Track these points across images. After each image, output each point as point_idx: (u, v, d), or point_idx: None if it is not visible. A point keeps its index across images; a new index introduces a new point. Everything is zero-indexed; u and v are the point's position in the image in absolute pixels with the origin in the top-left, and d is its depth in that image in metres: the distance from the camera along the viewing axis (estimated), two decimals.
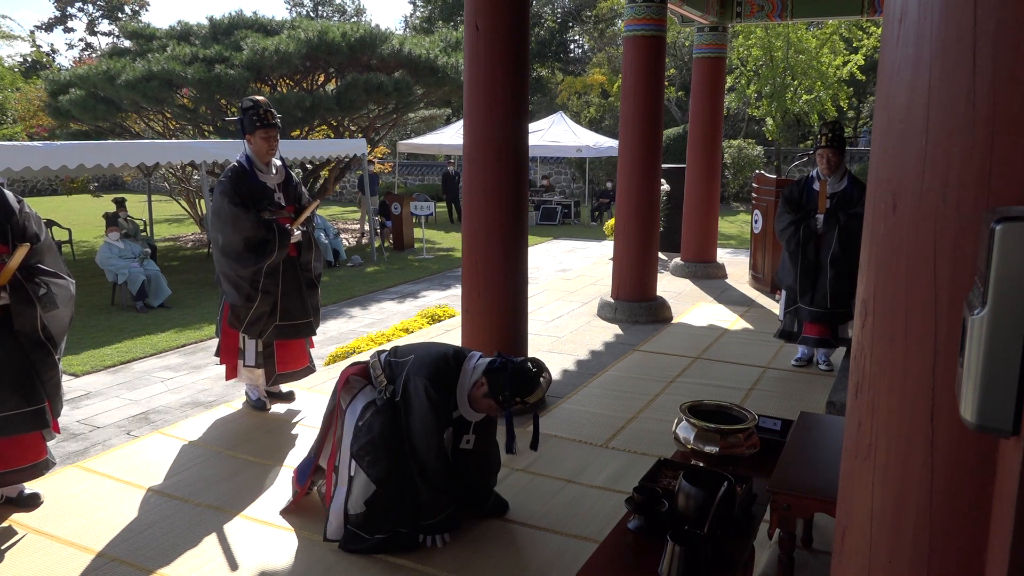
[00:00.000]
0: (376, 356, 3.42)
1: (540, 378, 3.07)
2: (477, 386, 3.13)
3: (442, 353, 3.21)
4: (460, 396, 3.18)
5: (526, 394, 3.05)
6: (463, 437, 3.31)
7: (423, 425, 3.10)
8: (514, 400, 3.05)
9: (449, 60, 13.25)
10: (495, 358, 3.15)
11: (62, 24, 37.08)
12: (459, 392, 3.17)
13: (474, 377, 3.15)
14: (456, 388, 3.17)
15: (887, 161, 1.06)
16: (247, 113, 4.41)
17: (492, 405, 3.12)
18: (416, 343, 3.44)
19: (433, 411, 3.09)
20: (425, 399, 3.08)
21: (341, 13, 42.19)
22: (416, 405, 3.10)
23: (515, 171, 4.69)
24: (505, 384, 3.03)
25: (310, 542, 3.27)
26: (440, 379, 3.13)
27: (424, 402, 3.08)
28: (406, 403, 3.14)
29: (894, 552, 1.02)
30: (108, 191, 21.08)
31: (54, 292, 3.36)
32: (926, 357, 0.95)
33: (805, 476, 2.59)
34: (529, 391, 3.05)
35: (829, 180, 5.25)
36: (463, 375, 3.17)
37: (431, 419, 3.09)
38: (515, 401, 3.06)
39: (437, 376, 3.12)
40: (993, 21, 0.85)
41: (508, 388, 3.03)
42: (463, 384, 3.17)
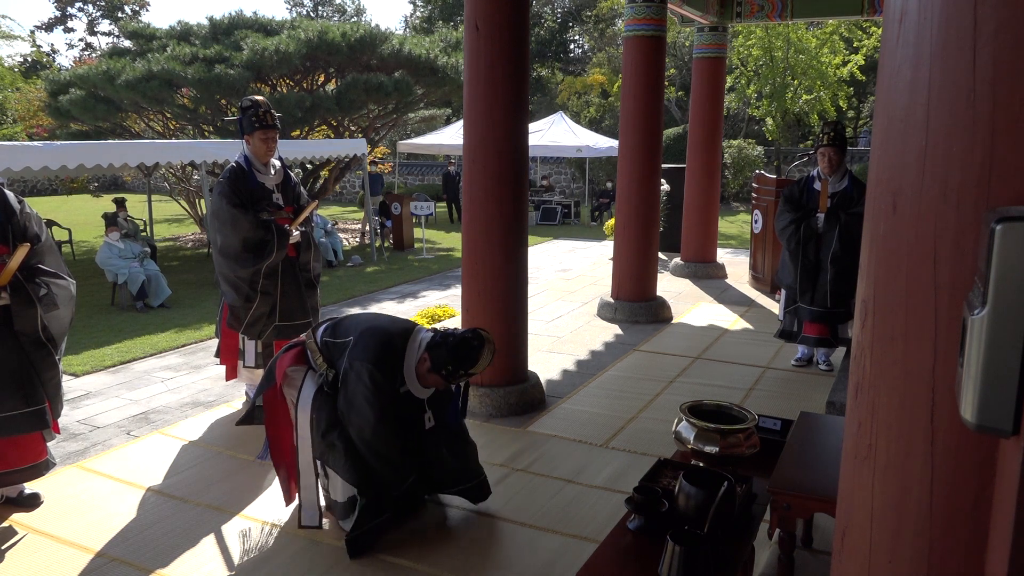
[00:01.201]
0: (311, 336, 3.35)
1: (482, 349, 3.03)
2: (421, 362, 3.11)
3: (387, 335, 3.14)
4: (408, 374, 3.15)
5: (469, 366, 3.03)
6: (423, 416, 3.28)
7: (367, 412, 3.03)
8: (458, 373, 3.03)
9: (449, 60, 13.24)
10: (438, 332, 3.12)
11: (62, 24, 37.09)
12: (406, 371, 3.14)
13: (419, 353, 3.12)
14: (403, 367, 3.13)
15: (887, 161, 1.06)
16: (246, 113, 4.41)
17: (438, 380, 3.10)
18: (354, 317, 3.35)
19: (378, 397, 3.03)
20: (369, 383, 3.01)
21: (341, 13, 42.19)
22: (359, 391, 3.03)
23: (515, 171, 4.69)
24: (447, 358, 3.01)
25: (310, 542, 3.27)
26: (386, 362, 3.07)
27: (368, 386, 3.02)
28: (345, 389, 3.08)
29: (894, 552, 1.02)
30: (108, 191, 21.08)
31: (54, 292, 3.36)
32: (926, 357, 0.95)
33: (805, 476, 2.59)
34: (472, 363, 3.02)
35: (830, 180, 5.25)
36: (409, 354, 3.13)
37: (376, 405, 3.03)
38: (459, 374, 3.04)
39: (382, 360, 3.06)
40: (993, 21, 0.85)
41: (450, 362, 3.01)
42: (409, 361, 3.13)
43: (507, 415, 4.73)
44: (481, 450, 4.22)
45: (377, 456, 3.11)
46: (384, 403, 3.06)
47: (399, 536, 3.32)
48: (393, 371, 3.11)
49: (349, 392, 3.07)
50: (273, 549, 3.21)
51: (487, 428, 4.57)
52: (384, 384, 3.05)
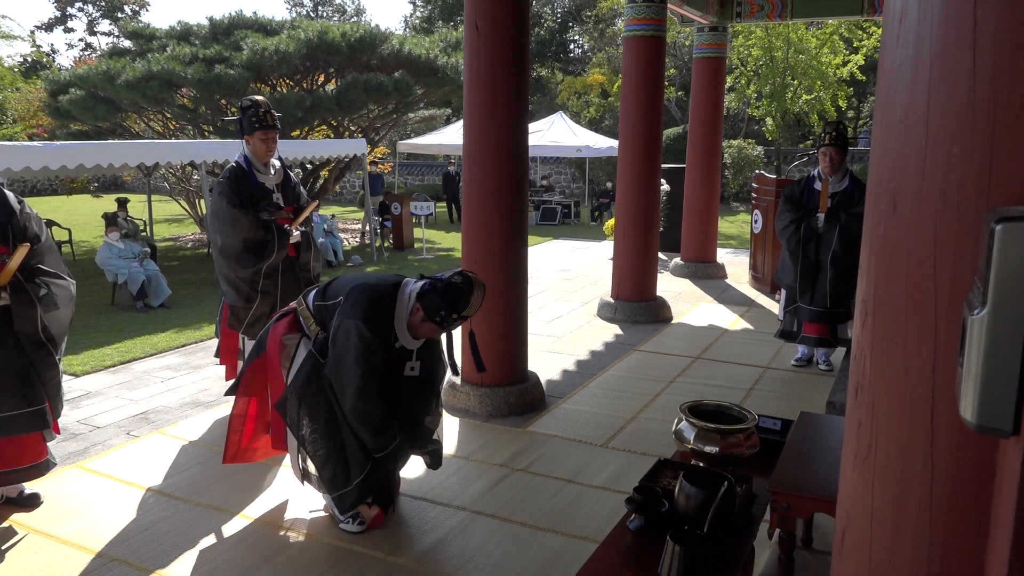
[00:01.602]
0: (302, 303, 3.35)
1: (472, 290, 3.02)
2: (413, 312, 3.10)
3: (376, 290, 3.13)
4: (399, 327, 3.14)
5: (462, 309, 3.02)
6: (407, 364, 3.27)
7: (354, 370, 3.02)
8: (451, 317, 3.03)
9: (449, 60, 13.24)
10: (426, 281, 3.10)
11: (62, 24, 37.09)
12: (398, 324, 3.13)
13: (410, 304, 3.11)
14: (394, 321, 3.13)
15: (887, 161, 1.06)
16: (246, 113, 4.40)
17: (432, 328, 3.09)
18: (343, 278, 3.32)
19: (367, 357, 3.01)
20: (358, 342, 3.00)
21: (341, 13, 42.19)
22: (348, 350, 3.02)
23: (515, 171, 4.69)
24: (439, 303, 3.00)
25: (310, 542, 3.27)
26: (377, 318, 3.06)
27: (356, 345, 3.00)
28: (334, 347, 3.08)
29: (894, 552, 1.02)
30: (108, 191, 21.07)
31: (54, 292, 3.36)
32: (926, 357, 0.95)
33: (805, 476, 2.59)
34: (464, 305, 3.02)
35: (830, 180, 5.25)
36: (399, 307, 3.12)
37: (363, 363, 3.02)
38: (453, 318, 3.03)
39: (373, 316, 3.05)
40: (993, 21, 0.85)
41: (443, 307, 3.00)
42: (400, 315, 3.13)
43: (507, 415, 4.73)
44: (481, 450, 4.23)
45: (361, 416, 3.09)
46: (372, 362, 3.04)
47: (400, 536, 3.32)
48: (383, 326, 3.09)
49: (338, 350, 3.06)
50: (273, 549, 3.21)
51: (487, 428, 4.57)
52: (373, 342, 3.03)
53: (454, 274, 3.08)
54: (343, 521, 3.36)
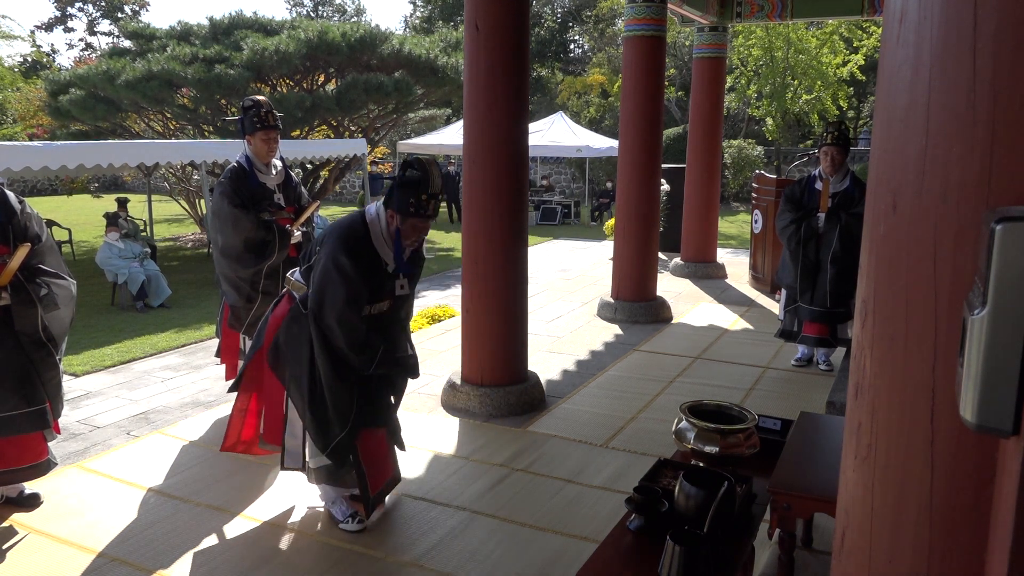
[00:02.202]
0: (289, 279, 3.42)
1: (425, 168, 3.09)
2: (391, 222, 3.15)
3: (344, 222, 3.20)
4: (380, 247, 3.18)
5: (428, 187, 3.08)
6: (396, 283, 3.30)
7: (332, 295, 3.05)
8: (422, 200, 3.08)
9: (449, 60, 13.24)
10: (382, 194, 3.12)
11: (62, 24, 37.07)
12: (378, 245, 3.17)
13: (383, 220, 3.17)
14: (373, 243, 3.17)
15: (887, 161, 1.06)
16: (247, 113, 4.40)
17: (415, 222, 3.13)
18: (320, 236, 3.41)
19: (344, 281, 3.05)
20: (334, 267, 3.05)
21: (341, 13, 42.18)
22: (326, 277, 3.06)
23: (515, 171, 4.69)
24: (404, 197, 3.07)
25: (310, 542, 3.27)
26: (350, 243, 3.10)
27: (333, 270, 3.05)
28: (313, 278, 3.12)
29: (894, 552, 1.02)
30: (108, 191, 21.06)
31: (55, 292, 3.36)
32: (926, 357, 0.95)
33: (805, 476, 2.59)
34: (427, 184, 3.08)
35: (831, 180, 5.25)
36: (372, 228, 3.16)
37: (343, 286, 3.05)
38: (423, 199, 3.08)
39: (346, 243, 3.09)
40: (993, 21, 0.85)
41: (410, 195, 3.06)
42: (378, 234, 3.17)
43: (507, 415, 4.73)
44: (481, 450, 4.23)
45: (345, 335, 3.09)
46: (352, 288, 3.07)
47: (400, 536, 3.32)
48: (361, 251, 3.13)
49: (317, 279, 3.11)
50: (273, 549, 3.21)
51: (487, 428, 4.57)
52: (350, 267, 3.06)
53: (404, 165, 3.16)
54: (343, 521, 3.37)
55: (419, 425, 4.59)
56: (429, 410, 4.87)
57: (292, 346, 3.23)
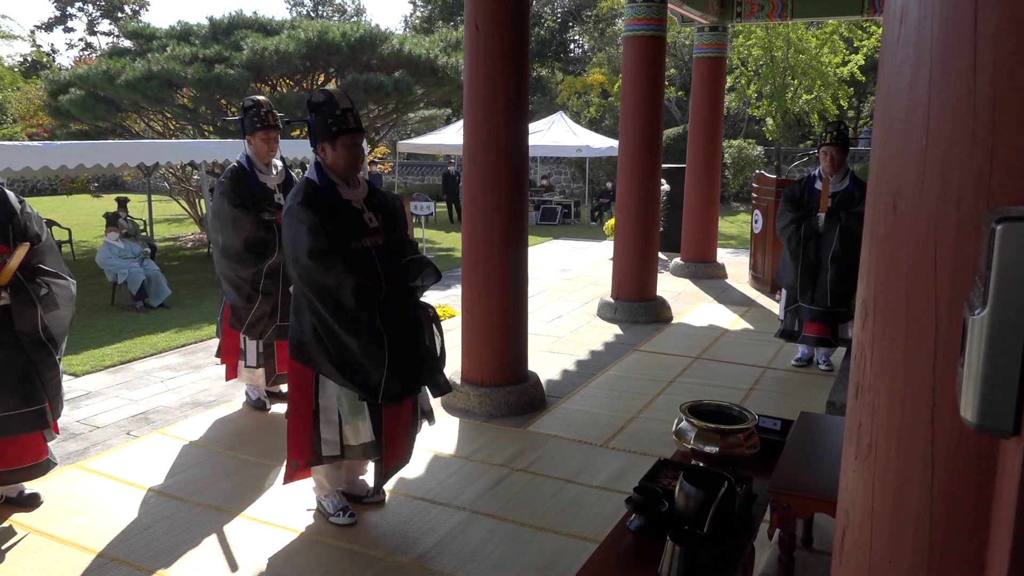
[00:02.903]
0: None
1: (326, 89, 3.18)
2: (323, 154, 3.18)
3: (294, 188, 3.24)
4: (341, 188, 3.21)
5: (337, 105, 3.12)
6: (364, 216, 3.27)
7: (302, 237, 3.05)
8: (336, 115, 3.11)
9: (449, 60, 13.24)
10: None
11: (62, 24, 37.06)
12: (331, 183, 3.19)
13: (315, 162, 3.21)
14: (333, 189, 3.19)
15: (887, 161, 1.06)
16: (248, 113, 4.41)
17: (345, 141, 3.14)
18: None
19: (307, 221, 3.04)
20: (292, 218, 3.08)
21: (341, 13, 42.17)
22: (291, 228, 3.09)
23: (515, 171, 4.69)
24: (320, 122, 3.12)
25: (310, 542, 3.27)
26: (303, 196, 3.12)
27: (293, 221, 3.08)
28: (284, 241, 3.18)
29: (894, 552, 1.02)
30: (108, 191, 21.05)
31: (55, 292, 3.36)
32: (926, 357, 0.95)
33: (805, 476, 2.59)
34: (334, 100, 3.13)
35: (831, 179, 5.25)
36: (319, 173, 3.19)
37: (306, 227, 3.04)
38: (338, 115, 3.11)
39: (298, 195, 3.14)
40: (993, 21, 0.85)
41: (327, 118, 3.11)
42: (324, 175, 3.19)
43: (507, 415, 4.73)
44: (481, 450, 4.23)
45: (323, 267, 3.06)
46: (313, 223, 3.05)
47: (400, 536, 3.32)
48: (318, 198, 3.14)
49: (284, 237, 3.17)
50: (273, 549, 3.21)
51: (487, 428, 4.57)
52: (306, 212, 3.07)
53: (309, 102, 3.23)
54: (333, 515, 3.38)
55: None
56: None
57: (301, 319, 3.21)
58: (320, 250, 3.03)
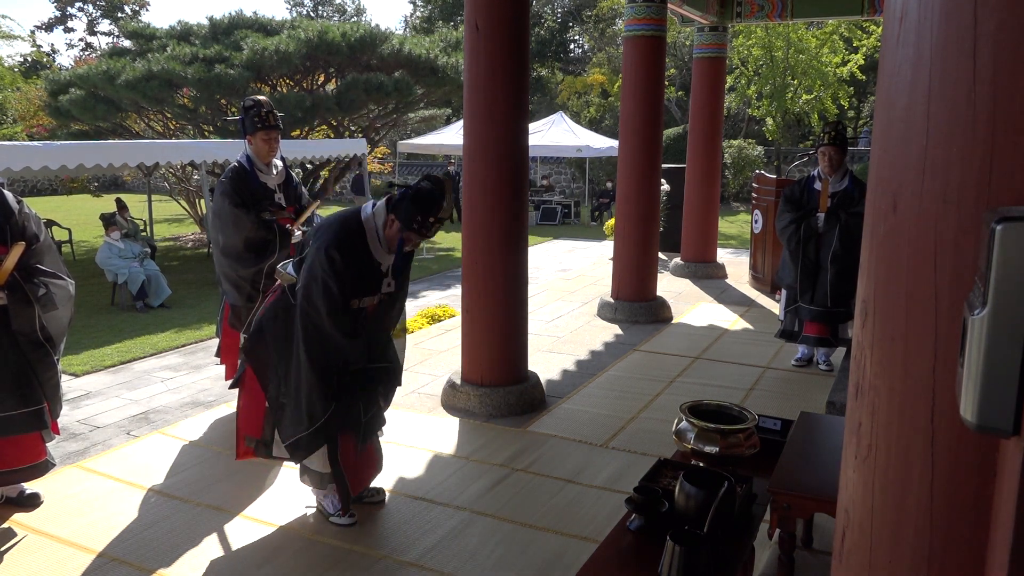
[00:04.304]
0: (280, 271, 3.40)
1: (443, 190, 3.04)
2: (388, 225, 3.12)
3: (340, 217, 3.17)
4: (374, 246, 3.16)
5: (437, 211, 3.05)
6: (384, 282, 3.28)
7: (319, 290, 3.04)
8: (428, 222, 3.05)
9: (449, 60, 13.24)
10: (397, 192, 3.11)
11: (62, 24, 37.07)
12: (372, 244, 3.15)
13: (380, 219, 3.13)
14: (368, 242, 3.15)
15: (887, 161, 1.06)
16: (248, 113, 4.41)
17: (411, 236, 3.11)
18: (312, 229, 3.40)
19: (333, 275, 3.03)
20: (326, 261, 3.02)
21: (341, 13, 42.18)
22: (316, 272, 3.05)
23: (515, 171, 4.69)
24: (412, 211, 3.02)
25: (310, 542, 3.27)
26: (344, 240, 3.07)
27: (324, 265, 3.03)
28: (304, 271, 3.11)
29: (894, 552, 1.02)
30: (108, 191, 21.05)
31: (53, 292, 3.36)
32: (926, 357, 0.95)
33: (805, 476, 2.59)
34: (436, 208, 3.04)
35: (830, 179, 5.25)
36: (367, 225, 3.14)
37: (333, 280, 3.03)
38: (430, 222, 3.05)
39: (340, 239, 3.07)
40: (993, 21, 0.85)
41: (418, 213, 3.02)
42: (372, 233, 3.14)
43: (507, 415, 4.73)
44: (481, 450, 4.23)
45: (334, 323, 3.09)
46: (340, 280, 3.05)
47: (400, 536, 3.32)
48: (353, 247, 3.11)
49: (306, 270, 3.10)
50: (273, 549, 3.21)
51: (487, 428, 4.57)
52: (340, 263, 3.04)
53: (421, 180, 3.10)
54: (333, 514, 3.39)
55: (419, 425, 4.59)
56: (429, 410, 4.87)
57: (276, 334, 3.21)
58: (338, 307, 3.09)
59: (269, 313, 3.29)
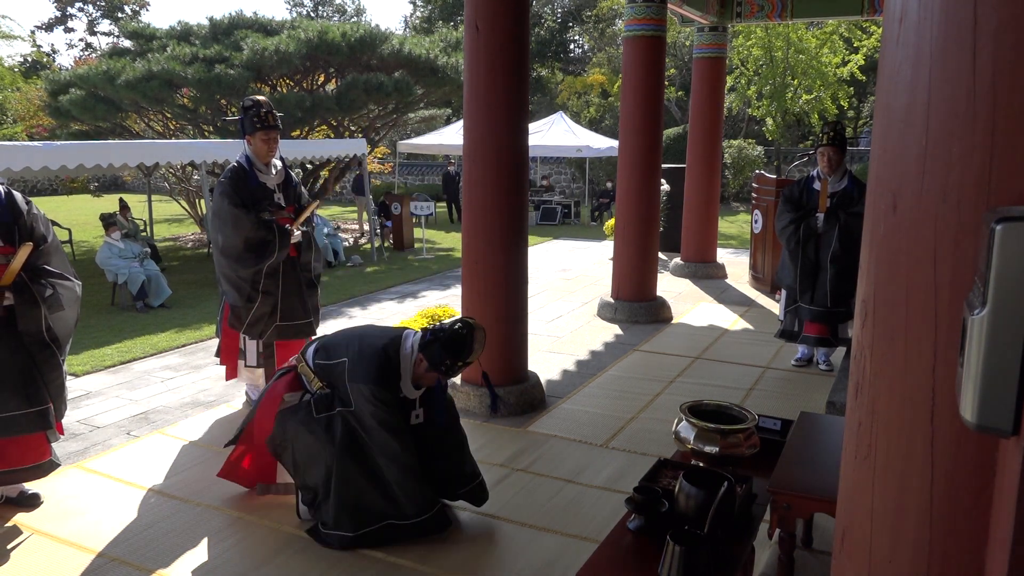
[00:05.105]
0: (300, 360, 3.40)
1: (473, 338, 3.08)
2: (417, 363, 3.16)
3: (378, 350, 3.17)
4: (404, 381, 3.21)
5: (465, 356, 3.09)
6: (412, 414, 3.31)
7: (386, 429, 3.11)
8: (457, 365, 3.09)
9: (449, 60, 13.24)
10: (427, 331, 3.15)
11: (62, 24, 37.06)
12: (403, 378, 3.20)
13: (413, 356, 3.17)
14: (401, 373, 3.19)
15: (887, 161, 1.06)
16: (248, 113, 4.41)
17: (435, 375, 3.17)
18: (343, 332, 3.40)
19: (391, 414, 3.12)
20: (380, 405, 3.09)
21: (341, 13, 42.18)
22: (369, 412, 3.10)
23: (515, 171, 4.69)
24: (442, 354, 3.06)
25: (310, 542, 3.27)
26: (385, 379, 3.13)
27: (380, 409, 3.09)
28: (358, 416, 3.14)
29: (894, 552, 1.02)
30: (108, 191, 21.06)
31: (60, 293, 3.36)
32: (926, 357, 0.95)
33: (805, 476, 2.59)
34: (467, 353, 3.08)
35: (830, 179, 5.25)
36: (403, 363, 3.18)
37: (392, 422, 3.12)
38: (458, 366, 3.10)
39: (381, 377, 3.12)
40: (993, 21, 0.85)
41: (447, 357, 3.06)
42: (405, 369, 3.19)
43: (507, 415, 4.73)
44: (481, 450, 4.23)
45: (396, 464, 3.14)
46: (397, 421, 3.15)
47: None
48: (392, 382, 3.17)
49: (366, 423, 3.13)
50: (273, 549, 3.21)
51: (487, 428, 4.57)
52: (390, 400, 3.13)
53: (455, 322, 3.13)
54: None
55: None
56: None
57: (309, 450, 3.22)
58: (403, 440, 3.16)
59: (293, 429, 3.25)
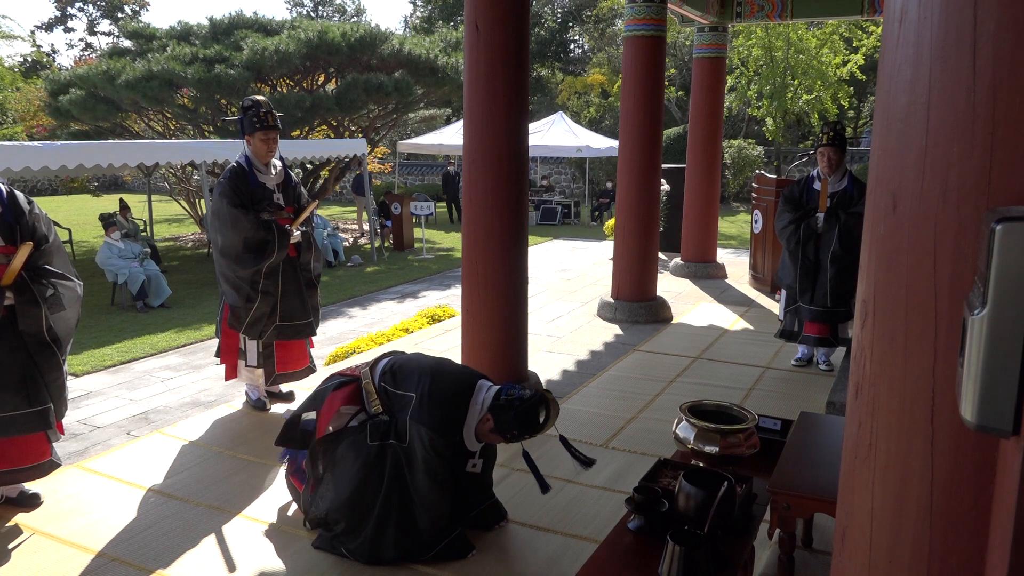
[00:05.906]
0: (369, 375, 3.27)
1: (548, 417, 3.00)
2: (483, 420, 3.04)
3: (449, 396, 3.05)
4: (467, 432, 3.08)
5: (534, 432, 3.00)
6: (469, 462, 3.23)
7: (431, 478, 3.01)
8: (523, 437, 3.00)
9: (449, 60, 13.25)
10: (502, 391, 3.03)
11: (62, 24, 37.08)
12: (466, 428, 3.08)
13: (481, 413, 3.04)
14: (464, 426, 3.07)
15: (887, 161, 1.06)
16: (247, 113, 4.41)
17: (499, 439, 3.06)
18: (416, 362, 3.24)
19: (442, 465, 3.02)
20: (434, 454, 2.98)
21: (341, 13, 42.19)
22: (420, 457, 3.00)
23: (515, 171, 4.69)
24: (512, 423, 2.96)
25: (310, 542, 3.26)
26: (447, 430, 3.01)
27: (432, 457, 2.99)
28: (408, 455, 3.05)
29: (894, 552, 1.02)
30: (108, 191, 21.07)
31: (61, 293, 3.36)
32: (926, 357, 0.95)
33: (805, 476, 2.59)
34: (537, 429, 2.99)
35: (830, 179, 5.25)
36: (470, 413, 3.06)
37: (440, 473, 3.02)
38: (524, 438, 3.01)
39: (443, 427, 2.99)
40: (993, 21, 0.85)
41: (516, 427, 2.96)
42: (470, 421, 3.07)
43: None
44: None
45: (429, 513, 3.06)
46: (445, 473, 3.05)
47: None
48: (454, 435, 3.06)
49: (414, 465, 3.04)
50: (273, 549, 3.21)
51: None
52: (445, 451, 3.02)
53: (532, 396, 3.01)
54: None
55: None
56: None
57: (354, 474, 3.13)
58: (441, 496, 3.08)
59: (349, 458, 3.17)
